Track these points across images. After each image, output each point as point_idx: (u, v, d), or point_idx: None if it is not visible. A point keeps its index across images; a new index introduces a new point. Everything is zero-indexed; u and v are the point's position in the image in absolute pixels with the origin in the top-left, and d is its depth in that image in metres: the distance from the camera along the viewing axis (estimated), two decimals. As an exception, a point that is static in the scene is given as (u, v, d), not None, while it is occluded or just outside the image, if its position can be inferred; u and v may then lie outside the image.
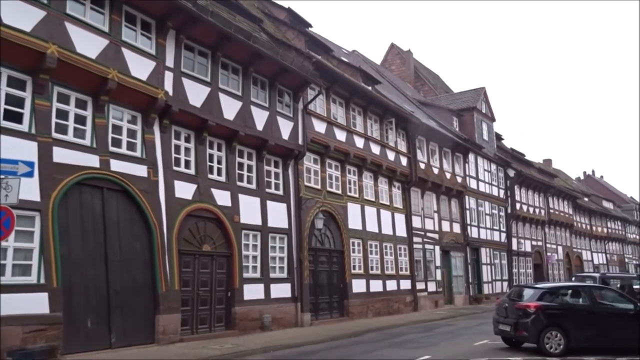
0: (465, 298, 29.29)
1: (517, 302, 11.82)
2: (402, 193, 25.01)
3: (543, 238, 41.40)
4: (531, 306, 11.31)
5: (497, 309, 12.59)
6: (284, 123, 17.59)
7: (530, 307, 11.30)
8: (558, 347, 11.03)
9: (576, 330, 11.11)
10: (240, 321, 15.08)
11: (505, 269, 34.99)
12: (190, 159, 14.62)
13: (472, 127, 33.06)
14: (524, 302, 11.64)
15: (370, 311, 21.03)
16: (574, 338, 11.07)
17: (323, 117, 19.62)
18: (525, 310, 11.35)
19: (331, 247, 19.85)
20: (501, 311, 12.21)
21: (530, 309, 11.29)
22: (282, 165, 17.86)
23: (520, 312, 11.46)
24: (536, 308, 11.24)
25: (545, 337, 11.04)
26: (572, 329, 11.10)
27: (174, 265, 13.34)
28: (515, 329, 11.43)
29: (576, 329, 11.12)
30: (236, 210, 15.58)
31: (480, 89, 35.26)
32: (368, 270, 21.50)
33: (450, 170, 29.22)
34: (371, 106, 22.69)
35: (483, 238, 32.41)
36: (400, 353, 11.74)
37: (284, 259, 17.31)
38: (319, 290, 18.78)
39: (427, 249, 26.35)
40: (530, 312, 11.26)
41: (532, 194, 39.92)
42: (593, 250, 51.86)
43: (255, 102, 16.56)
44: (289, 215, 17.70)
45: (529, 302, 11.52)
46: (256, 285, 15.96)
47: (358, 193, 21.70)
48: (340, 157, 20.59)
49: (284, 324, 16.63)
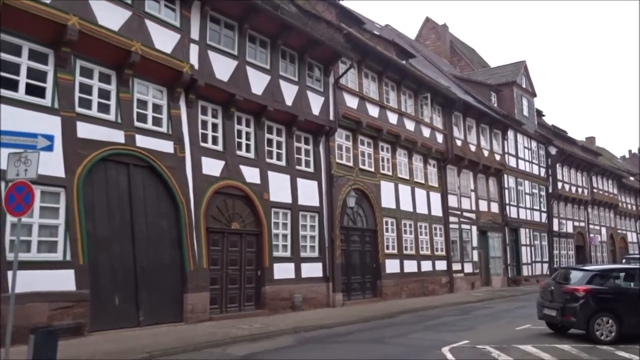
0: (503, 280, 28.38)
1: (565, 285, 10.99)
2: (437, 171, 24.19)
3: (586, 219, 39.83)
4: (580, 290, 10.49)
5: (541, 292, 11.79)
6: (314, 98, 17.01)
7: (579, 291, 10.48)
8: (609, 334, 10.21)
9: (629, 315, 10.26)
10: (270, 301, 14.77)
11: (546, 250, 33.78)
12: (218, 135, 14.23)
13: (511, 103, 31.72)
14: (572, 286, 10.82)
15: (404, 292, 20.48)
16: (626, 324, 10.24)
17: (355, 91, 18.94)
18: (574, 294, 10.54)
19: (364, 226, 19.31)
20: (546, 295, 11.42)
21: (579, 292, 10.47)
22: (313, 141, 17.33)
23: (567, 296, 10.65)
24: (585, 292, 10.42)
25: (596, 323, 10.21)
26: (624, 315, 10.25)
27: (202, 243, 13.05)
28: (562, 313, 10.65)
29: (629, 315, 10.27)
30: (265, 188, 15.18)
31: (521, 63, 33.76)
32: (402, 250, 20.89)
33: (488, 148, 28.14)
34: (405, 81, 21.85)
35: (522, 218, 31.27)
36: (436, 336, 11.16)
37: (315, 237, 16.88)
38: (351, 270, 18.31)
39: (464, 229, 25.52)
40: (579, 296, 10.44)
41: (574, 172, 38.33)
42: (639, 232, 49.74)
43: (284, 77, 16.02)
44: (320, 193, 17.21)
45: (577, 285, 10.70)
46: (286, 264, 15.59)
47: (391, 171, 21.02)
48: (372, 134, 19.91)
49: (315, 304, 16.26)
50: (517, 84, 32.33)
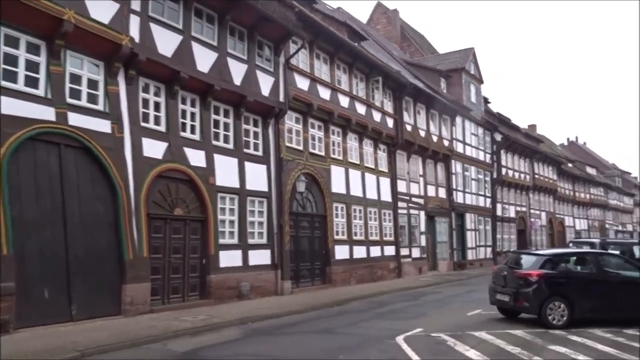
0: (450, 264, 28.77)
1: (518, 270, 10.96)
2: (387, 156, 24.01)
3: (527, 204, 41.03)
4: (533, 274, 10.45)
5: (494, 277, 11.72)
6: (264, 78, 16.30)
7: (532, 276, 10.44)
8: (561, 318, 10.25)
9: (580, 300, 10.34)
10: (216, 290, 14.12)
11: (490, 234, 34.54)
12: (161, 114, 13.33)
13: (459, 89, 31.95)
14: (525, 270, 10.78)
15: (353, 278, 20.26)
16: (578, 308, 10.31)
17: (306, 73, 18.33)
18: (527, 279, 10.50)
19: (313, 211, 18.86)
20: (499, 280, 11.35)
21: (531, 277, 10.43)
22: (262, 124, 16.64)
23: (521, 281, 10.60)
24: (538, 276, 10.38)
25: (548, 308, 10.23)
26: (576, 299, 10.32)
27: (142, 230, 12.22)
28: (515, 299, 10.60)
29: (580, 299, 10.35)
30: (211, 172, 14.42)
31: (469, 50, 34.02)
32: (351, 236, 20.63)
33: (437, 133, 28.25)
34: (357, 63, 21.41)
35: (468, 203, 31.76)
36: (389, 325, 10.89)
37: (264, 224, 16.29)
38: (300, 257, 17.87)
39: (412, 214, 25.56)
40: (532, 280, 10.40)
41: (517, 159, 39.31)
42: (575, 216, 51.90)
43: (233, 54, 15.21)
44: (269, 178, 16.60)
45: (530, 270, 10.66)
46: (233, 251, 14.95)
47: (342, 155, 20.62)
48: (323, 117, 19.40)
49: (263, 292, 15.73)
50: (465, 70, 32.58)
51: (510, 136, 36.99)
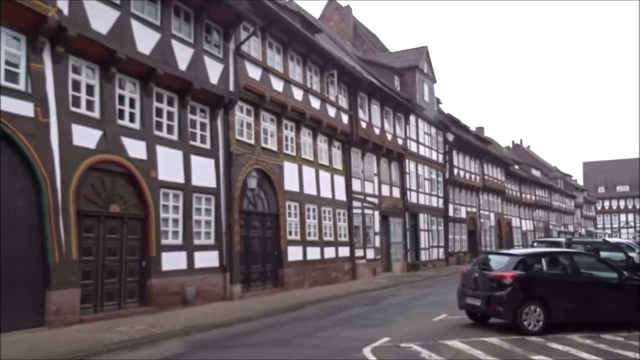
0: (403, 265, 28.17)
1: (490, 272, 10.12)
2: (342, 153, 23.10)
3: (477, 204, 41.20)
4: (507, 276, 9.64)
5: (463, 280, 10.86)
6: (212, 65, 14.99)
7: (506, 278, 9.62)
8: (537, 323, 9.47)
9: (556, 303, 9.61)
10: (157, 296, 12.70)
11: (442, 235, 34.29)
12: (94, 99, 11.81)
13: (413, 88, 31.49)
14: (497, 272, 9.94)
15: (307, 281, 19.18)
16: (554, 313, 9.56)
17: (258, 61, 17.13)
18: (500, 282, 9.67)
19: (265, 210, 17.66)
20: (469, 282, 10.49)
21: (506, 279, 9.62)
22: (210, 114, 15.32)
23: (493, 283, 9.77)
24: (513, 279, 9.58)
25: (523, 312, 9.43)
26: (552, 303, 9.57)
27: (70, 229, 10.70)
28: (488, 303, 9.75)
29: (556, 303, 9.61)
30: (153, 165, 13.00)
31: (423, 48, 33.68)
32: (305, 236, 19.54)
33: (392, 132, 27.62)
34: (311, 55, 20.38)
35: (422, 203, 31.35)
36: (352, 333, 9.86)
37: (211, 223, 14.97)
38: (250, 259, 16.62)
39: (367, 214, 24.76)
40: (506, 283, 9.58)
41: (468, 160, 39.38)
42: (522, 217, 52.81)
43: (178, 37, 13.84)
44: (218, 173, 15.30)
45: (503, 271, 9.83)
46: (177, 253, 13.56)
47: (295, 151, 19.52)
48: (276, 110, 18.25)
49: (210, 297, 14.41)
50: (419, 68, 32.18)
51: (462, 137, 36.97)
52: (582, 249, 13.67)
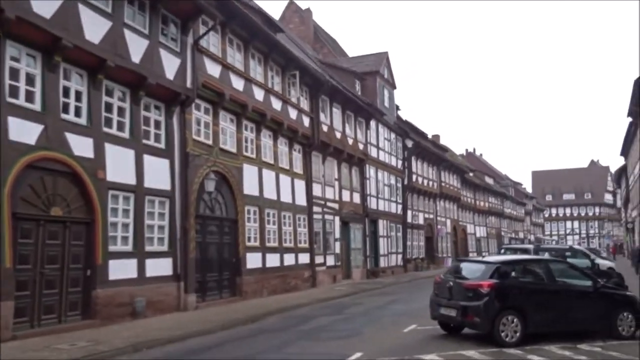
0: (363, 272, 27.63)
1: (466, 281, 9.57)
2: (302, 157, 22.37)
3: (434, 211, 41.27)
4: (483, 285, 9.10)
5: (436, 289, 10.26)
6: (168, 59, 14.00)
7: (483, 287, 9.08)
8: (514, 334, 8.98)
9: (533, 313, 9.17)
10: (103, 308, 11.57)
11: (400, 241, 34.00)
12: (35, 90, 10.65)
13: (374, 93, 31.15)
14: (474, 281, 9.39)
15: (266, 289, 18.29)
16: (531, 323, 9.11)
17: (217, 58, 16.22)
18: (477, 291, 9.13)
19: (223, 215, 16.70)
20: (443, 291, 9.90)
21: (482, 288, 9.08)
22: (165, 111, 14.30)
23: (469, 292, 9.22)
24: (490, 287, 9.05)
25: (501, 323, 8.93)
26: (529, 313, 9.12)
27: (4, 234, 9.52)
28: (464, 313, 9.20)
29: (533, 312, 9.17)
30: (101, 164, 11.90)
31: (383, 54, 33.45)
32: (265, 242, 18.67)
33: (353, 136, 27.12)
34: (273, 54, 19.60)
35: (381, 209, 30.96)
36: (320, 348, 9.10)
37: (165, 228, 13.92)
38: (207, 266, 15.62)
39: (327, 220, 24.09)
40: (483, 292, 9.05)
41: (426, 166, 39.41)
42: (476, 224, 53.44)
43: (131, 26, 12.80)
44: (173, 175, 14.28)
45: (480, 280, 9.30)
46: (127, 260, 12.47)
47: (255, 153, 18.65)
48: (236, 109, 17.36)
49: (162, 308, 13.35)
50: (380, 74, 31.89)
51: (421, 143, 36.93)
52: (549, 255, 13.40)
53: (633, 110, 33.91)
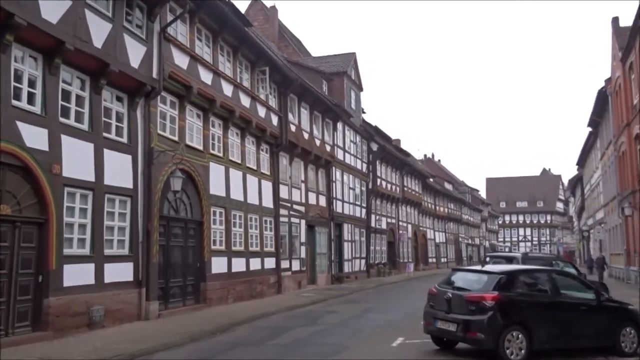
0: (328, 277, 26.92)
1: (467, 293, 8.88)
2: (270, 157, 21.47)
3: (397, 216, 41.01)
4: (488, 298, 8.42)
5: (432, 300, 9.47)
6: (133, 46, 12.89)
7: (487, 300, 8.40)
8: (519, 352, 8.31)
9: (538, 328, 8.52)
10: (56, 318, 10.37)
11: (364, 246, 33.46)
12: (-18, 72, 9.43)
13: (341, 94, 30.51)
14: (476, 293, 8.69)
15: (231, 295, 17.29)
16: (536, 339, 8.46)
17: (186, 48, 15.17)
18: (480, 304, 8.43)
19: (188, 216, 15.62)
20: (440, 304, 9.13)
21: (486, 301, 8.39)
22: (129, 103, 13.16)
23: (472, 306, 8.50)
24: (495, 301, 8.39)
25: (506, 339, 8.26)
26: (534, 328, 8.48)
27: (-58, 235, 8.28)
28: (466, 329, 8.47)
29: (538, 327, 8.52)
30: (56, 158, 10.71)
31: (351, 54, 32.91)
32: (230, 246, 17.65)
33: (320, 137, 26.42)
34: (243, 48, 18.65)
35: (347, 213, 30.35)
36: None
37: (126, 229, 12.77)
38: (170, 271, 14.53)
39: (293, 223, 23.25)
40: (487, 306, 8.36)
41: (390, 170, 39.12)
42: (436, 229, 53.64)
43: (94, 8, 11.64)
44: (135, 172, 13.15)
45: (483, 292, 8.62)
46: (83, 265, 11.29)
47: (223, 152, 17.64)
48: (204, 105, 16.33)
49: (122, 317, 12.21)
50: (347, 74, 31.32)
51: (386, 147, 36.59)
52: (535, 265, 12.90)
53: (593, 121, 34.67)
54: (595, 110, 32.83)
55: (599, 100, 31.09)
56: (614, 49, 27.61)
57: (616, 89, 27.63)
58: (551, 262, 13.82)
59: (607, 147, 31.75)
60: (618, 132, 27.53)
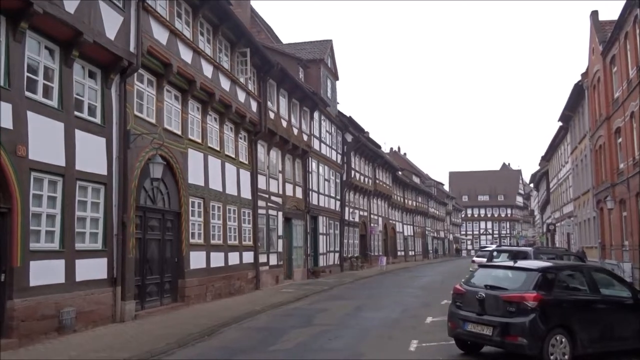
0: (304, 272, 25.91)
1: (504, 292, 7.95)
2: (248, 145, 20.21)
3: (368, 208, 40.32)
4: (529, 298, 7.53)
5: (459, 300, 8.47)
6: (109, 14, 11.44)
7: (528, 300, 7.53)
8: (563, 357, 7.50)
9: (581, 331, 7.73)
10: (22, 322, 8.96)
11: (338, 239, 32.58)
12: None
13: (317, 82, 29.42)
14: (515, 292, 7.77)
15: (210, 293, 16.06)
16: (579, 343, 7.67)
17: (165, 21, 13.78)
18: (521, 305, 7.53)
19: (165, 207, 14.28)
20: (470, 304, 8.18)
21: (527, 302, 7.51)
22: (102, 79, 11.72)
23: (511, 307, 7.59)
24: (538, 301, 7.52)
25: (550, 344, 7.42)
26: (578, 330, 7.69)
27: None
28: (504, 332, 7.57)
29: (580, 330, 7.73)
30: (21, 138, 9.26)
31: (327, 42, 31.82)
32: (209, 239, 16.38)
33: (297, 126, 25.29)
34: (223, 27, 17.30)
35: (322, 205, 29.36)
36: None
37: (99, 221, 11.38)
38: (146, 268, 13.20)
39: (271, 215, 22.09)
40: (529, 307, 7.48)
41: (363, 163, 38.32)
42: (404, 223, 53.32)
43: (65, -33, 10.17)
44: (110, 157, 11.74)
45: (523, 291, 7.71)
46: (52, 261, 9.88)
47: (201, 138, 16.32)
48: (182, 85, 14.97)
49: (95, 319, 10.85)
50: (324, 62, 30.25)
51: (360, 138, 35.74)
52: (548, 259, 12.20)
53: (565, 115, 34.71)
54: (568, 104, 32.81)
55: (574, 94, 31.02)
56: (593, 42, 27.47)
57: (594, 83, 27.52)
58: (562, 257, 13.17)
59: (580, 141, 31.78)
60: (595, 125, 27.45)
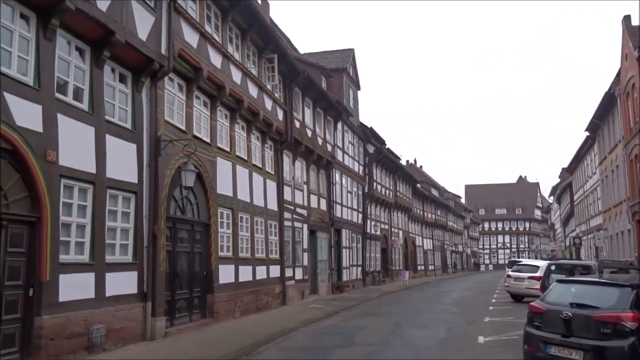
0: (329, 286, 25.07)
1: (596, 311, 7.05)
2: (274, 155, 19.56)
3: (389, 221, 39.43)
4: (627, 318, 6.67)
5: (538, 320, 7.56)
6: (141, 13, 10.88)
7: (626, 320, 6.68)
8: (663, 384, 6.68)
9: None
10: (50, 341, 8.27)
11: (360, 253, 31.71)
12: (-39, 27, 7.35)
13: (340, 92, 28.82)
14: (609, 312, 6.90)
15: (238, 308, 15.30)
16: None
17: (196, 23, 13.22)
18: (618, 326, 6.68)
19: (195, 217, 13.60)
20: (552, 324, 7.29)
21: (625, 322, 6.67)
22: (133, 82, 11.13)
23: (606, 328, 6.75)
24: (638, 322, 6.66)
25: None
26: None
27: None
28: (599, 357, 6.70)
29: None
30: (52, 142, 8.65)
31: (349, 50, 31.28)
32: (237, 252, 15.66)
33: (322, 136, 24.64)
34: (252, 31, 16.76)
35: (345, 218, 28.56)
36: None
37: (129, 232, 10.71)
38: (177, 282, 12.49)
39: (296, 228, 21.35)
40: (627, 328, 6.63)
41: (384, 174, 37.55)
42: (424, 236, 52.29)
43: (98, -37, 9.64)
44: (140, 164, 11.11)
45: (619, 310, 6.87)
46: (82, 275, 9.21)
47: (230, 146, 15.68)
48: (212, 91, 14.37)
49: (125, 337, 10.13)
50: (346, 71, 29.67)
51: (382, 149, 35.01)
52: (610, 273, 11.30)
53: (593, 124, 33.75)
54: (597, 113, 31.87)
55: (604, 102, 30.10)
56: (626, 48, 26.61)
57: (627, 90, 26.60)
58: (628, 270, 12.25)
59: (611, 151, 30.78)
60: (629, 134, 26.49)
